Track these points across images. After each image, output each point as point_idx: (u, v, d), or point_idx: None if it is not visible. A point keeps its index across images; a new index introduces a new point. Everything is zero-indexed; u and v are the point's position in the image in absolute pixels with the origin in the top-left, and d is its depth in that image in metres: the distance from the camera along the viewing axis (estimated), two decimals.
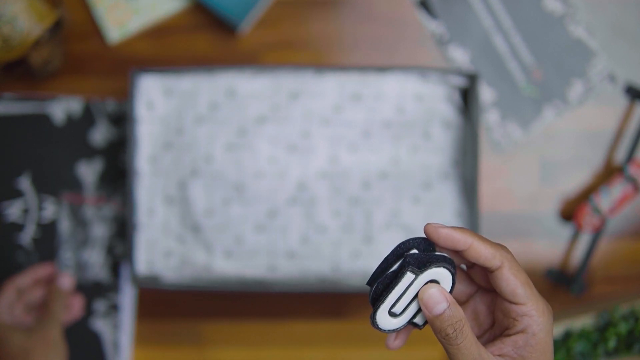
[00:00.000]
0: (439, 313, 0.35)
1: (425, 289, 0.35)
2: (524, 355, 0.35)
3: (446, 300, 0.35)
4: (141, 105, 0.64)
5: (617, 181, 0.68)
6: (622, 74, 0.71)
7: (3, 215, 0.68)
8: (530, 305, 0.35)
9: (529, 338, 0.35)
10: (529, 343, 0.35)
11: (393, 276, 0.36)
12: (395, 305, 0.36)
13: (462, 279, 0.39)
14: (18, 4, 0.58)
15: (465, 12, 0.70)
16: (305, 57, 0.70)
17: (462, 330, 0.34)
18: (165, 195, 0.64)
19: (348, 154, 0.64)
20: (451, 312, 0.35)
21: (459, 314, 0.35)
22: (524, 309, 0.35)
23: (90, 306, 0.68)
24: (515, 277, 0.35)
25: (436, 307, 0.35)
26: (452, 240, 0.35)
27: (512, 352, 0.35)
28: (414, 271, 0.35)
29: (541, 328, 0.35)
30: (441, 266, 0.35)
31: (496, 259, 0.35)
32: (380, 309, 0.36)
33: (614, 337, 0.65)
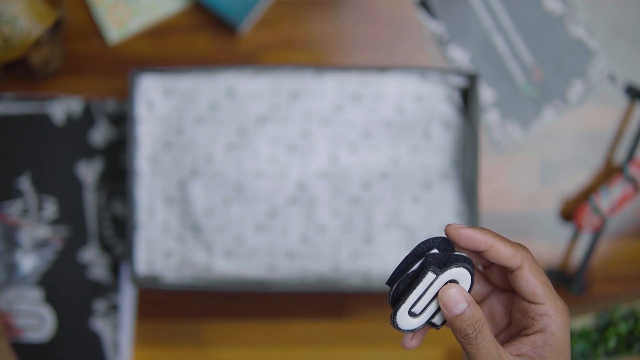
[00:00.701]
0: (459, 313, 0.35)
1: (445, 289, 0.35)
2: (543, 355, 0.35)
3: (466, 300, 0.35)
4: (141, 105, 0.64)
5: (617, 181, 0.68)
6: (622, 74, 0.71)
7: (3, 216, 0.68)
8: (549, 305, 0.35)
9: (548, 337, 0.35)
10: (547, 342, 0.35)
11: (414, 276, 0.36)
12: (415, 305, 0.36)
13: (479, 279, 0.39)
14: (18, 4, 0.58)
15: (465, 12, 0.70)
16: (305, 57, 0.70)
17: (481, 330, 0.34)
18: (165, 195, 0.64)
19: (348, 154, 0.64)
20: (471, 312, 0.35)
21: (478, 313, 0.35)
22: (543, 308, 0.35)
23: (90, 306, 0.68)
24: (535, 277, 0.35)
25: (456, 307, 0.35)
26: (473, 241, 0.35)
27: (530, 352, 0.35)
28: (435, 271, 0.35)
29: (559, 328, 0.35)
30: (461, 266, 0.35)
31: (517, 259, 0.35)
32: (401, 309, 0.36)
33: (614, 337, 0.65)
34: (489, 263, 0.38)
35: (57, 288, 0.67)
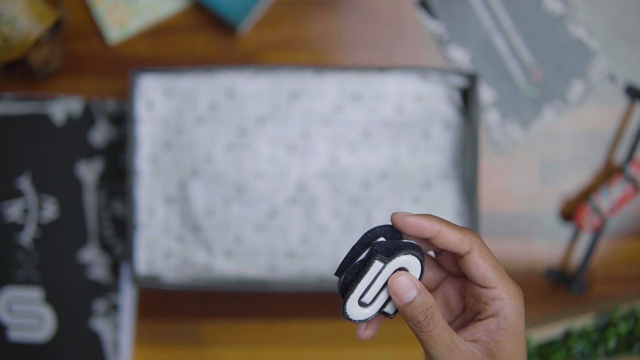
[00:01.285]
0: (409, 301, 0.35)
1: (395, 277, 0.35)
2: (497, 339, 0.35)
3: (416, 288, 0.35)
4: (141, 105, 0.64)
5: (617, 181, 0.68)
6: (622, 74, 0.71)
7: (3, 215, 0.68)
8: (501, 288, 0.35)
9: (501, 321, 0.35)
10: (501, 326, 0.35)
11: (361, 265, 0.35)
12: (364, 294, 0.36)
13: (431, 266, 0.39)
14: (18, 4, 0.59)
15: (465, 12, 0.70)
16: (305, 57, 0.70)
17: (433, 317, 0.34)
18: (165, 195, 0.64)
19: (348, 154, 0.64)
20: (421, 299, 0.35)
21: (429, 300, 0.35)
22: (495, 292, 0.35)
23: (90, 306, 0.68)
24: (484, 260, 0.35)
25: (406, 295, 0.35)
26: (419, 229, 0.35)
27: (484, 337, 0.35)
28: (382, 259, 0.35)
29: (513, 311, 0.35)
30: (409, 253, 0.35)
31: (465, 244, 0.35)
32: (350, 299, 0.36)
33: (614, 337, 0.65)
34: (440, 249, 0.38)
35: (57, 288, 0.67)
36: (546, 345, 0.67)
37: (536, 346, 0.67)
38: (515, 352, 0.34)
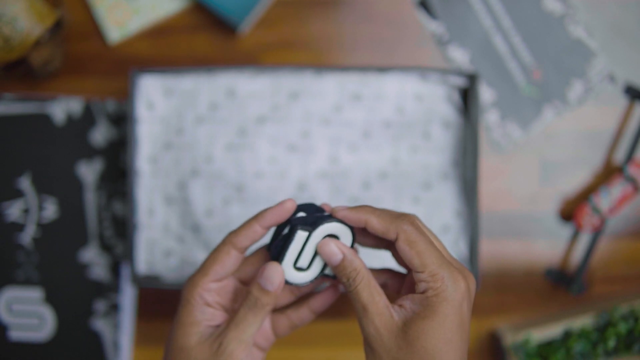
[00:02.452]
0: (336, 264, 0.39)
1: (323, 242, 0.40)
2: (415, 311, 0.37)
3: (341, 252, 0.39)
4: (141, 105, 0.64)
5: (617, 181, 0.68)
6: (622, 74, 0.71)
7: (3, 215, 0.68)
8: (427, 273, 0.37)
9: (423, 300, 0.37)
10: (422, 303, 0.37)
11: (285, 238, 0.40)
12: (298, 260, 0.40)
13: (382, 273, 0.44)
14: (18, 4, 0.59)
15: (465, 12, 0.70)
16: (305, 57, 0.70)
17: (354, 279, 0.39)
18: (165, 195, 0.65)
19: (348, 154, 0.65)
20: (346, 262, 0.39)
21: (354, 264, 0.39)
22: (421, 276, 0.38)
23: (90, 306, 0.68)
24: (410, 247, 0.38)
25: (332, 259, 0.39)
26: (350, 221, 0.40)
27: (408, 306, 0.38)
28: (304, 229, 0.39)
29: (437, 294, 0.37)
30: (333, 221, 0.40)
31: (390, 232, 0.39)
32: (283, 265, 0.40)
33: (614, 337, 0.66)
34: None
35: (57, 288, 0.67)
36: (546, 345, 0.67)
37: (536, 346, 0.67)
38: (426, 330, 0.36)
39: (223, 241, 0.41)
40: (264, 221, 0.40)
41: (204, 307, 0.40)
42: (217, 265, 0.40)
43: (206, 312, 0.40)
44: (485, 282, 0.69)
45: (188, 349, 0.39)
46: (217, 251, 0.41)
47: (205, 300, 0.40)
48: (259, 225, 0.40)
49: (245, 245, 0.40)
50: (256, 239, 0.40)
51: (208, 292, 0.40)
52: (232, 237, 0.40)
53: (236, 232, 0.40)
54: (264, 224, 0.40)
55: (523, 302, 0.70)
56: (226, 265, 0.40)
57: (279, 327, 0.45)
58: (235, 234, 0.40)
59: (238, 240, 0.40)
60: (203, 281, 0.40)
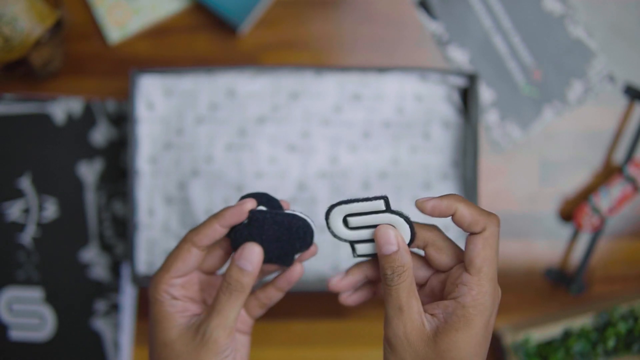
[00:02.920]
0: (387, 253, 0.38)
1: (385, 227, 0.38)
2: (448, 320, 0.36)
3: (397, 244, 0.37)
4: (141, 106, 0.64)
5: (617, 181, 0.68)
6: (622, 74, 0.71)
7: (3, 215, 0.68)
8: (476, 279, 0.36)
9: (458, 308, 0.36)
10: (455, 312, 0.36)
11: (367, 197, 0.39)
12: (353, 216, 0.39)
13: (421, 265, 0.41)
14: (19, 4, 0.59)
15: (465, 12, 0.70)
16: (305, 57, 0.70)
17: (400, 275, 0.37)
18: (165, 195, 0.65)
19: (348, 154, 0.65)
20: (397, 255, 0.37)
21: (404, 260, 0.37)
22: (468, 278, 0.36)
23: (90, 306, 0.68)
24: (483, 248, 0.36)
25: (385, 247, 0.38)
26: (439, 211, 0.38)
27: (440, 314, 0.37)
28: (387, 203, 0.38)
29: (474, 304, 0.36)
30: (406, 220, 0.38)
31: (479, 225, 0.37)
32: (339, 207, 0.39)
33: (613, 336, 0.66)
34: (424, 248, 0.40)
35: (57, 288, 0.68)
36: (546, 345, 0.67)
37: (536, 346, 0.67)
38: (458, 342, 0.35)
39: (183, 239, 0.40)
40: (224, 220, 0.40)
41: (172, 300, 0.40)
42: (178, 262, 0.40)
43: (176, 305, 0.40)
44: None
45: (171, 342, 0.39)
46: (177, 249, 0.40)
47: (171, 294, 0.40)
48: (219, 224, 0.40)
49: (204, 244, 0.40)
50: (216, 237, 0.40)
51: (173, 287, 0.40)
52: (192, 235, 0.40)
53: (196, 231, 0.40)
54: (224, 223, 0.40)
55: (523, 302, 0.70)
56: (187, 262, 0.40)
57: (252, 309, 0.45)
58: (195, 232, 0.40)
59: (198, 238, 0.40)
60: (165, 278, 0.40)
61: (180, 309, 0.40)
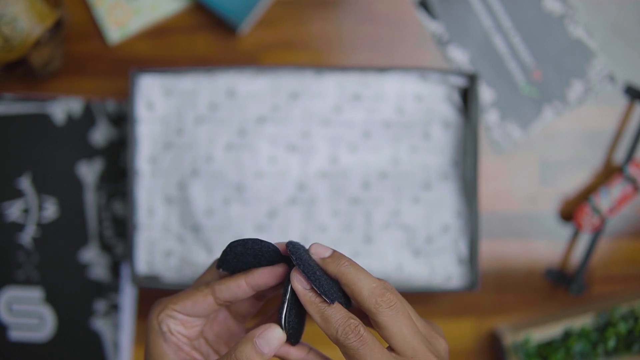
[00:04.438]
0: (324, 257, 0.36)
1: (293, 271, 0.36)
2: None
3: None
4: (141, 106, 0.64)
5: (617, 181, 0.68)
6: (622, 74, 0.71)
7: (3, 215, 0.68)
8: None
9: None
10: None
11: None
12: None
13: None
14: (19, 4, 0.59)
15: (465, 12, 0.70)
16: (305, 57, 0.70)
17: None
18: (165, 195, 0.65)
19: (348, 154, 0.65)
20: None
21: None
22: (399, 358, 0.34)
23: (90, 306, 0.68)
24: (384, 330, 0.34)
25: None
26: None
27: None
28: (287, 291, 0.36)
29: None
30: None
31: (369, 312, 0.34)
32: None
33: (614, 336, 0.66)
34: None
35: (57, 288, 0.67)
36: (546, 345, 0.67)
37: (536, 346, 0.67)
38: None
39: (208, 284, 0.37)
40: (252, 279, 0.36)
41: (167, 334, 0.37)
42: (188, 301, 0.37)
43: (169, 340, 0.37)
44: (485, 282, 0.69)
45: None
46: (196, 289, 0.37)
47: (168, 326, 0.37)
48: (246, 282, 0.36)
49: (225, 298, 0.37)
50: (240, 295, 0.37)
51: (171, 320, 0.37)
52: (215, 283, 0.37)
53: (221, 282, 0.37)
54: (251, 283, 0.36)
55: (523, 302, 0.70)
56: (197, 305, 0.37)
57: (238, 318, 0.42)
58: (219, 283, 0.37)
59: (219, 289, 0.37)
60: (168, 307, 0.37)
61: (174, 346, 0.37)
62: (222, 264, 0.38)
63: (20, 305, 0.68)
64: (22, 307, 0.68)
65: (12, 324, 0.68)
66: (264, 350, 0.34)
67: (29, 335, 0.68)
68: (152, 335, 0.37)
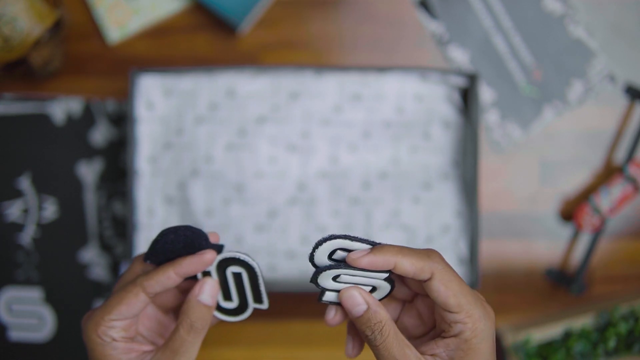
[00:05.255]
0: (359, 314, 0.36)
1: (347, 289, 0.36)
2: (454, 357, 0.35)
3: (365, 303, 0.36)
4: (141, 105, 0.64)
5: (617, 181, 0.68)
6: (622, 74, 0.71)
7: (3, 215, 0.68)
8: (464, 313, 0.35)
9: (461, 343, 0.35)
10: (460, 347, 0.35)
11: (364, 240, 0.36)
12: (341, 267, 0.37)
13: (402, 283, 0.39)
14: (19, 4, 0.59)
15: (465, 12, 0.70)
16: (305, 57, 0.70)
17: (381, 332, 0.35)
18: (165, 195, 0.65)
19: (348, 154, 0.65)
20: (370, 314, 0.36)
21: (379, 316, 0.36)
22: (457, 317, 0.35)
23: (90, 306, 0.68)
24: (445, 287, 0.35)
25: (355, 309, 0.36)
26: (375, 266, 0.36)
27: (443, 354, 0.36)
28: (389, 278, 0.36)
29: (475, 335, 0.35)
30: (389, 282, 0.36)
31: (424, 272, 0.35)
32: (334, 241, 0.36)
33: (614, 337, 0.65)
34: None
35: (57, 288, 0.67)
36: (546, 345, 0.67)
37: (536, 346, 0.67)
38: None
39: (133, 282, 0.38)
40: (180, 269, 0.37)
41: (113, 342, 0.37)
42: (122, 306, 0.37)
43: (117, 346, 0.37)
44: (485, 282, 0.69)
45: None
46: (125, 291, 0.37)
47: (111, 336, 0.37)
48: (175, 272, 0.37)
49: (155, 291, 0.37)
50: (168, 285, 0.38)
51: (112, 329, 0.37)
52: (143, 280, 0.37)
53: (149, 276, 0.37)
54: (180, 272, 0.37)
55: (523, 302, 0.70)
56: (132, 306, 0.37)
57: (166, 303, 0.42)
58: (147, 278, 0.37)
59: (149, 284, 0.37)
60: (104, 320, 0.37)
61: (123, 350, 0.37)
62: (149, 256, 0.38)
63: (20, 305, 0.68)
64: (22, 307, 0.68)
65: (12, 324, 0.68)
66: (208, 302, 0.38)
67: (29, 335, 0.68)
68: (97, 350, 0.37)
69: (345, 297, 0.36)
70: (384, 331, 0.35)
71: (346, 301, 0.36)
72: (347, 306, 0.36)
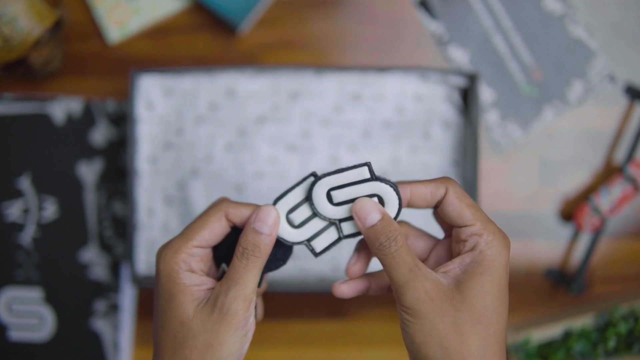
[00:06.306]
0: (372, 224, 0.35)
1: (361, 200, 0.36)
2: (468, 270, 0.34)
3: (379, 212, 0.36)
4: (141, 105, 0.64)
5: (617, 181, 0.68)
6: (622, 74, 0.71)
7: (3, 215, 0.68)
8: (479, 225, 0.35)
9: (476, 255, 0.35)
10: (475, 260, 0.35)
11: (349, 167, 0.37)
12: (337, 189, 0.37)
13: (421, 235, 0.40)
14: (18, 4, 0.59)
15: (465, 12, 0.70)
16: (305, 57, 0.70)
17: (395, 240, 0.35)
18: (165, 195, 0.65)
19: (348, 154, 0.65)
20: (384, 223, 0.35)
21: (393, 225, 0.35)
22: (473, 228, 0.35)
23: (90, 306, 0.68)
24: (460, 200, 0.36)
25: (369, 218, 0.36)
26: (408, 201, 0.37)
27: (457, 269, 0.35)
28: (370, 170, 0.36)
29: (490, 246, 0.35)
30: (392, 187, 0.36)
31: (440, 189, 0.36)
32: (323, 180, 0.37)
33: (614, 337, 0.66)
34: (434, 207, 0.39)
35: (57, 288, 0.67)
36: (546, 345, 0.67)
37: (536, 346, 0.67)
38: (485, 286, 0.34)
39: (216, 207, 0.37)
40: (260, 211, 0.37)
41: (189, 273, 0.36)
42: (205, 230, 0.37)
43: (193, 278, 0.36)
44: None
45: (189, 320, 0.35)
46: (207, 215, 0.37)
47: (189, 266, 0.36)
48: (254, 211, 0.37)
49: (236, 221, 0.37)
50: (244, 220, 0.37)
51: (192, 258, 0.36)
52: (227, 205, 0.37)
53: (234, 204, 0.37)
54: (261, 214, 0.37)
55: (523, 302, 0.70)
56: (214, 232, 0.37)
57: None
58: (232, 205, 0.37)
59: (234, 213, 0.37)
60: (187, 246, 0.36)
61: (197, 281, 0.36)
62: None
63: (20, 305, 0.68)
64: (22, 307, 0.68)
65: (12, 324, 0.68)
66: (264, 230, 0.36)
67: (29, 335, 0.68)
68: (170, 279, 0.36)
69: (360, 206, 0.36)
70: (399, 238, 0.35)
71: (361, 210, 0.36)
72: (361, 216, 0.36)
